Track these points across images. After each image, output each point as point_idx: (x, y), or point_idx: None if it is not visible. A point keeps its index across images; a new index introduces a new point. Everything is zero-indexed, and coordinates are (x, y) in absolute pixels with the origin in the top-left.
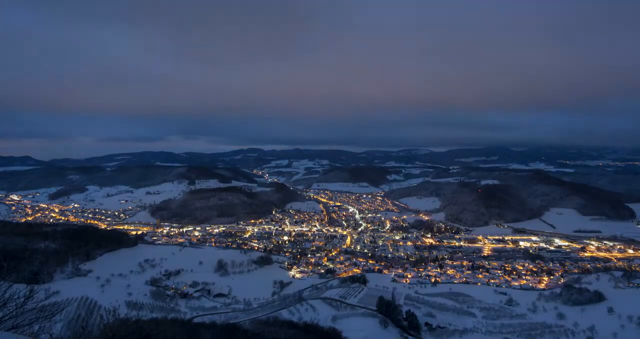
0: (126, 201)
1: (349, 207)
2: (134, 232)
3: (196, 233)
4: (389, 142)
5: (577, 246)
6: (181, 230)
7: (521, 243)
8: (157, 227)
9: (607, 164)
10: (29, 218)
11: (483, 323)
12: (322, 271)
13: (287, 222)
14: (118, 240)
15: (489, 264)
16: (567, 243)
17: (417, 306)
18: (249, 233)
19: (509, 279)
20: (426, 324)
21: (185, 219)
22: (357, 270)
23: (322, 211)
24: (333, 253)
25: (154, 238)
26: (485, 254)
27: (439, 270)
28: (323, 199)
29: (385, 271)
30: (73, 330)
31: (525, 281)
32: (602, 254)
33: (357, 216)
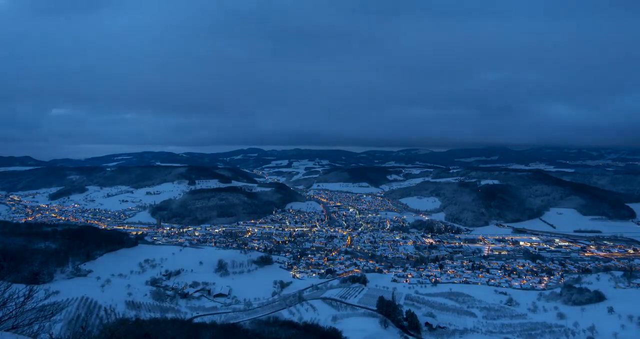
0: (126, 201)
1: (349, 207)
2: (134, 233)
3: (196, 233)
4: (389, 142)
5: (577, 246)
6: (181, 230)
7: (521, 243)
8: (157, 228)
9: (607, 164)
10: (29, 218)
11: (483, 323)
12: (323, 271)
13: (287, 222)
14: (118, 240)
15: (489, 264)
16: (567, 243)
17: (417, 306)
18: (249, 233)
19: (509, 279)
20: (426, 324)
21: (186, 219)
22: (357, 270)
23: (322, 211)
24: (333, 253)
25: (154, 238)
26: (486, 254)
27: (439, 270)
28: (323, 199)
29: (386, 271)
30: (73, 330)
31: (525, 281)
32: (602, 254)
33: (357, 216)
